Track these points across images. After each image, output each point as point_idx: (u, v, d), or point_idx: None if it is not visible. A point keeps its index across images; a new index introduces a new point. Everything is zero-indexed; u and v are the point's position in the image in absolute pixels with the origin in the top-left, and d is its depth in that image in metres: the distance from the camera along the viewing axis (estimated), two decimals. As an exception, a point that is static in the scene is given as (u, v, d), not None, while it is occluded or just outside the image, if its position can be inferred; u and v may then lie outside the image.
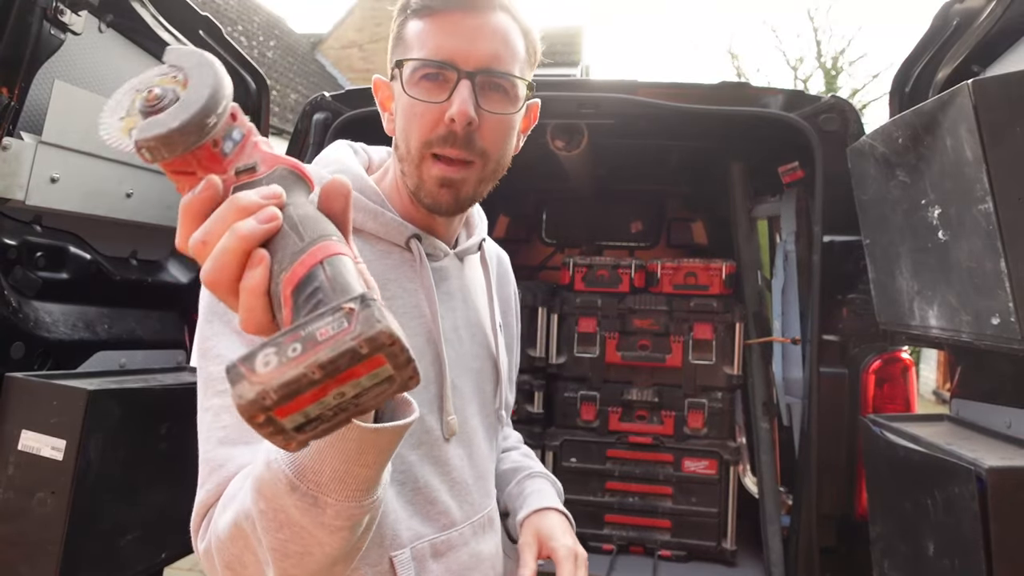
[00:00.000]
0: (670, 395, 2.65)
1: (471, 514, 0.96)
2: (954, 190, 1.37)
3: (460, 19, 0.85)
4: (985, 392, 1.59)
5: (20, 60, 1.54)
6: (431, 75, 0.85)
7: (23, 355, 1.69)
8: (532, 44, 0.92)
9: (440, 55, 0.84)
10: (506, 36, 0.87)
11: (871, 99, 15.64)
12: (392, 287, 0.89)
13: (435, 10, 0.85)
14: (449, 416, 0.92)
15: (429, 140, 0.85)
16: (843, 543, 1.99)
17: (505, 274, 1.21)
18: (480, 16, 0.86)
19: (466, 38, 0.85)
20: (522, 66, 0.90)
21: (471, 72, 0.84)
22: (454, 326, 0.96)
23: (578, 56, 15.08)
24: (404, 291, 0.90)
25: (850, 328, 2.03)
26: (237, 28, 10.48)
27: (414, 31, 0.87)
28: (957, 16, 1.68)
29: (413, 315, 0.90)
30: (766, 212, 2.93)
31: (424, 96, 0.85)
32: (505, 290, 1.20)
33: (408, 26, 0.88)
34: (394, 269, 0.90)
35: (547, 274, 3.74)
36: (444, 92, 0.85)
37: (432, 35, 0.85)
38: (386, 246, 0.91)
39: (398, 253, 0.91)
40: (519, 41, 0.89)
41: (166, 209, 2.10)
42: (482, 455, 1.00)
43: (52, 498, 1.50)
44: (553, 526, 1.06)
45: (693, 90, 2.26)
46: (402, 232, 0.91)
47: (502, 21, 0.87)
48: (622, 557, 2.56)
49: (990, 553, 1.18)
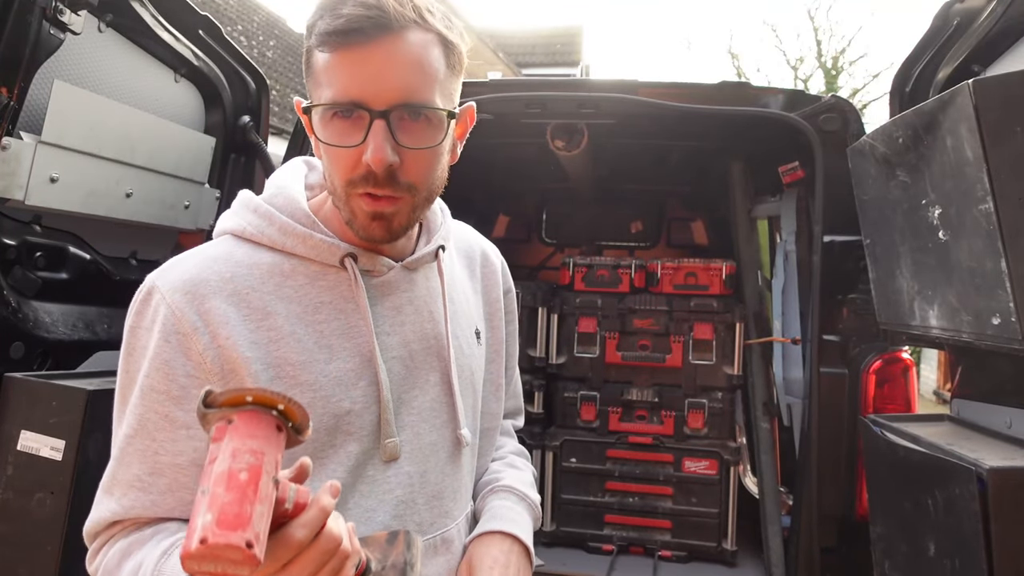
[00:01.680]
0: (670, 395, 2.65)
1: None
2: (954, 190, 1.37)
3: (366, 53, 0.78)
4: (986, 392, 1.59)
5: (19, 60, 1.54)
6: (344, 113, 0.80)
7: (22, 355, 1.69)
8: (455, 50, 0.85)
9: (348, 96, 0.79)
10: (419, 60, 0.80)
11: (871, 99, 15.64)
12: (325, 310, 0.87)
13: (337, 45, 0.78)
14: (387, 440, 0.89)
15: (352, 179, 0.82)
16: (843, 543, 1.99)
17: (492, 274, 1.14)
18: (387, 44, 0.78)
19: (374, 74, 0.78)
20: (444, 83, 0.83)
21: (384, 111, 0.79)
22: (403, 341, 0.93)
23: (578, 56, 15.07)
24: (339, 312, 0.88)
25: (850, 328, 2.03)
26: (237, 28, 10.48)
27: (321, 65, 0.81)
28: (957, 16, 1.68)
29: (350, 335, 0.88)
30: (766, 212, 2.92)
31: (338, 140, 0.81)
32: (492, 292, 1.13)
33: (315, 57, 0.82)
34: (328, 291, 0.88)
35: (547, 274, 3.74)
36: (358, 132, 0.80)
37: (338, 74, 0.79)
38: (320, 268, 0.89)
39: (333, 274, 0.89)
40: (436, 57, 0.82)
41: (166, 209, 2.10)
42: (438, 473, 0.95)
43: (51, 498, 1.50)
44: (483, 557, 0.96)
45: (693, 90, 2.25)
46: (334, 253, 0.88)
47: (413, 42, 0.80)
48: (622, 557, 2.56)
49: (991, 553, 1.18)
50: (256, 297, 0.85)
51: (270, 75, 10.07)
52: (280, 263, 0.88)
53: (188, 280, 0.83)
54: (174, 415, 0.81)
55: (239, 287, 0.84)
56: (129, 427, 0.82)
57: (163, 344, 0.81)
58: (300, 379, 0.84)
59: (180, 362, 0.81)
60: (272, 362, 0.83)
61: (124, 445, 0.83)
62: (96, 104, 1.79)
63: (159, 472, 0.81)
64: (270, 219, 0.90)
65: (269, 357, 0.83)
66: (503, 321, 1.15)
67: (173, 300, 0.82)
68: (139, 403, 0.82)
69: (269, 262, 0.88)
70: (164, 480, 0.81)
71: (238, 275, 0.85)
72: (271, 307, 0.85)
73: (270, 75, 10.07)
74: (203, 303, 0.82)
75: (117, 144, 1.86)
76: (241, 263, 0.86)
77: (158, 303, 0.83)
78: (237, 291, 0.84)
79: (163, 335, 0.81)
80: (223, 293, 0.83)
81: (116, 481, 0.83)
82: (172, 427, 0.81)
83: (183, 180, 2.15)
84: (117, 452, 0.84)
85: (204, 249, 0.90)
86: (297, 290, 0.87)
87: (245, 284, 0.85)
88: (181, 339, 0.81)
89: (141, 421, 0.82)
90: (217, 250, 0.88)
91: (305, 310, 0.86)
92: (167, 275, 0.85)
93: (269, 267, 0.87)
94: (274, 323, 0.84)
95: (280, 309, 0.85)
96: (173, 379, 0.81)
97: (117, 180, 1.90)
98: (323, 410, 0.84)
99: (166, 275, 0.85)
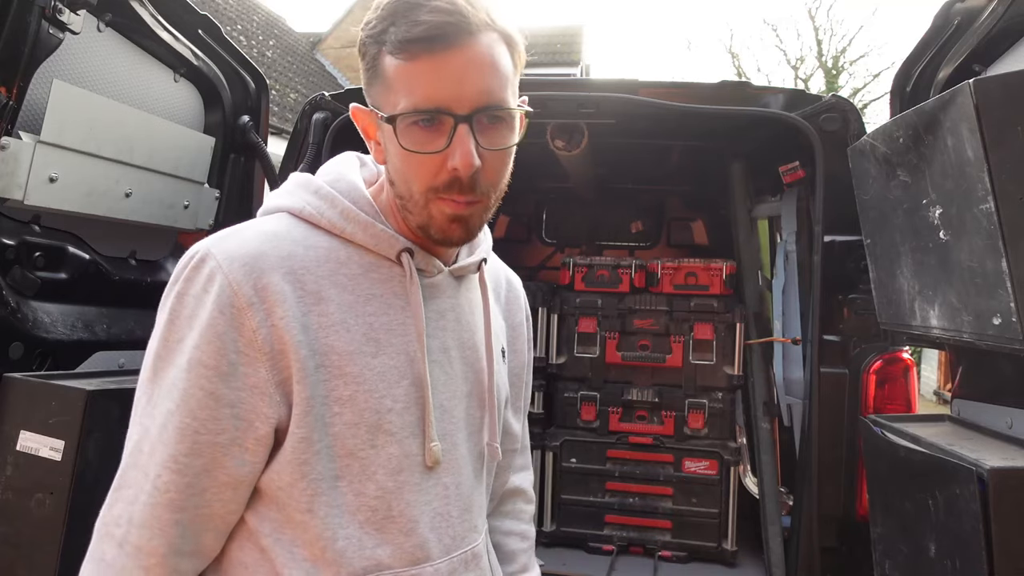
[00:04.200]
0: (670, 395, 2.65)
1: (452, 549, 0.89)
2: (955, 190, 1.37)
3: (446, 60, 0.78)
4: (986, 392, 1.59)
5: (19, 59, 1.53)
6: (424, 121, 0.80)
7: (21, 355, 1.68)
8: (517, 50, 0.86)
9: (432, 103, 0.79)
10: (495, 64, 0.81)
11: (872, 98, 15.65)
12: (376, 303, 0.86)
13: (419, 52, 0.78)
14: (432, 443, 0.86)
15: (434, 187, 0.82)
16: (844, 544, 1.99)
17: (515, 299, 1.14)
18: (466, 50, 0.79)
19: (456, 80, 0.79)
20: (513, 85, 0.85)
21: (467, 115, 0.79)
22: (444, 346, 0.92)
23: (578, 56, 15.08)
24: (388, 307, 0.87)
25: (851, 328, 2.03)
26: (236, 27, 10.49)
27: (398, 73, 0.80)
28: (958, 15, 1.68)
29: (396, 332, 0.86)
30: (767, 212, 2.92)
31: (420, 146, 0.80)
32: (515, 316, 1.13)
33: (387, 63, 0.81)
34: (381, 284, 0.87)
35: (547, 274, 3.74)
36: (440, 138, 0.80)
37: (419, 81, 0.79)
38: (376, 259, 0.88)
39: (387, 267, 0.88)
40: (506, 59, 0.83)
41: (165, 209, 2.10)
42: (469, 486, 0.93)
43: (50, 499, 1.50)
44: None
45: (693, 90, 2.25)
46: (393, 245, 0.87)
47: (487, 45, 0.80)
48: (622, 558, 2.56)
49: (991, 554, 1.17)
50: (311, 280, 0.82)
51: (269, 75, 10.07)
52: (337, 249, 0.86)
53: (248, 253, 0.80)
54: (220, 392, 0.77)
55: (295, 266, 0.82)
56: (171, 401, 0.78)
57: (217, 316, 0.77)
58: (345, 370, 0.82)
59: (232, 337, 0.77)
60: (320, 349, 0.81)
61: (164, 422, 0.78)
62: (95, 104, 1.79)
63: (197, 453, 0.78)
64: (332, 202, 0.88)
65: (318, 343, 0.81)
66: (525, 346, 1.14)
67: (231, 271, 0.78)
68: (184, 377, 0.78)
69: (327, 246, 0.86)
70: (201, 461, 0.78)
71: (295, 254, 0.83)
72: (324, 292, 0.83)
73: (269, 75, 10.07)
74: (261, 278, 0.79)
75: (116, 144, 1.86)
76: (298, 242, 0.84)
77: (213, 271, 0.79)
78: (294, 270, 0.81)
79: (218, 306, 0.77)
80: (281, 270, 0.80)
81: (152, 460, 0.78)
82: (216, 405, 0.78)
83: (182, 180, 2.15)
84: (156, 429, 0.79)
85: (261, 223, 0.87)
86: (351, 279, 0.85)
87: (301, 264, 0.82)
88: (236, 313, 0.77)
89: (184, 397, 0.77)
90: (275, 226, 0.86)
91: (357, 300, 0.85)
92: (224, 244, 0.81)
93: (326, 251, 0.85)
94: (326, 309, 0.82)
95: (333, 295, 0.83)
96: (224, 354, 0.77)
97: (116, 180, 1.90)
98: (366, 404, 0.82)
99: (223, 243, 0.81)
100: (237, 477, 0.80)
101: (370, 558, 0.82)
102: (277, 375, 0.79)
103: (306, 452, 0.80)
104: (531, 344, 1.18)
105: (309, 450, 0.80)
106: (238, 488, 0.81)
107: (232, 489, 0.80)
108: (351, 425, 0.81)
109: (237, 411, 0.78)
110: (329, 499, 0.81)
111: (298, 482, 0.80)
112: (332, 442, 0.81)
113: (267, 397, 0.79)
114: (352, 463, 0.82)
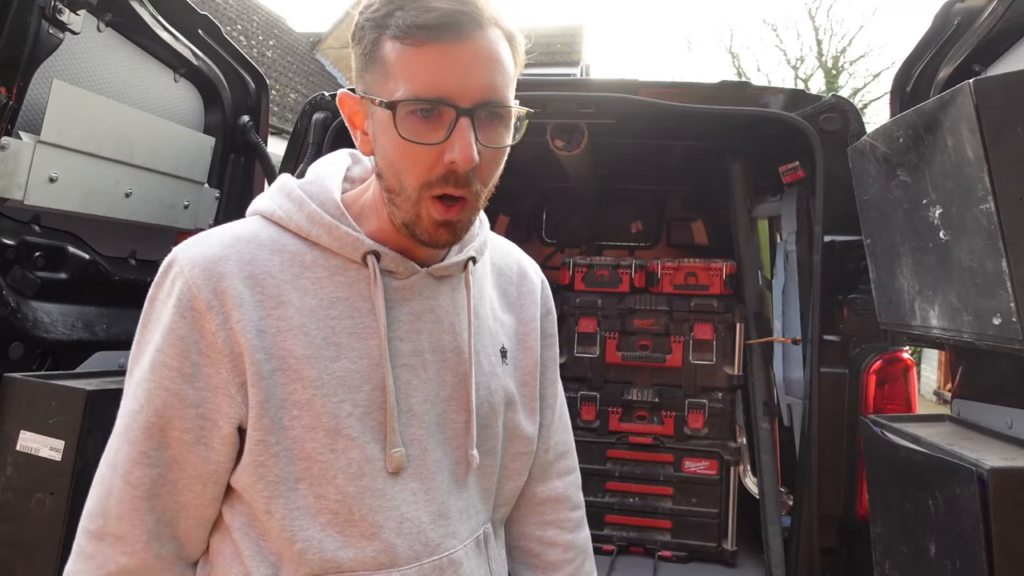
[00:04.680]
0: (670, 395, 2.65)
1: (423, 555, 0.86)
2: (955, 190, 1.37)
3: (452, 50, 0.77)
4: (986, 392, 1.59)
5: (19, 59, 1.54)
6: (424, 112, 0.78)
7: (21, 355, 1.68)
8: (519, 50, 0.85)
9: (434, 93, 0.77)
10: (499, 60, 0.80)
11: (872, 98, 15.65)
12: (340, 306, 0.85)
13: (425, 39, 0.76)
14: (393, 449, 0.84)
15: (428, 181, 0.80)
16: (844, 544, 1.99)
17: (530, 292, 1.08)
18: (474, 42, 0.77)
19: (460, 71, 0.77)
20: (514, 84, 0.84)
21: (469, 108, 0.78)
22: (417, 349, 0.89)
23: (578, 56, 15.07)
24: (354, 310, 0.85)
25: (851, 328, 2.03)
26: (236, 27, 10.49)
27: (400, 59, 0.78)
28: (958, 15, 1.68)
29: (361, 336, 0.85)
30: (767, 212, 2.92)
31: (419, 137, 0.78)
32: (527, 311, 1.07)
33: (388, 48, 0.79)
34: (347, 287, 0.86)
35: (547, 274, 3.71)
36: (440, 130, 0.78)
37: (422, 69, 0.77)
38: (343, 262, 0.86)
39: (355, 270, 0.87)
40: (509, 56, 0.82)
41: (165, 209, 2.10)
42: (444, 491, 0.90)
43: (50, 499, 1.50)
44: None
45: (693, 89, 2.25)
46: (357, 248, 0.86)
47: (494, 40, 0.79)
48: (622, 558, 2.55)
49: (991, 553, 1.17)
50: (272, 284, 0.83)
51: (269, 74, 10.07)
52: (303, 252, 0.86)
53: (208, 256, 0.82)
54: (184, 392, 0.80)
55: (256, 271, 0.83)
56: (136, 401, 0.81)
57: (179, 319, 0.80)
58: (303, 374, 0.82)
59: (194, 339, 0.80)
60: (277, 353, 0.81)
61: (129, 421, 0.81)
62: (95, 104, 1.79)
63: (165, 446, 0.81)
64: (300, 205, 0.88)
65: (275, 347, 0.81)
66: (538, 343, 1.08)
67: (192, 275, 0.80)
68: (149, 378, 0.81)
69: (292, 250, 0.86)
70: (170, 453, 0.81)
71: (258, 258, 0.83)
72: (285, 296, 0.83)
73: (269, 74, 10.07)
74: (220, 282, 0.80)
75: (116, 144, 1.86)
76: (264, 246, 0.85)
77: (176, 276, 0.81)
78: (254, 275, 0.82)
79: (179, 310, 0.80)
80: (241, 275, 0.81)
81: (120, 457, 0.82)
82: (181, 404, 0.80)
83: (182, 180, 2.15)
84: (121, 427, 0.82)
85: (232, 227, 0.88)
86: (315, 283, 0.85)
87: (263, 269, 0.83)
88: (196, 316, 0.80)
89: (149, 396, 0.80)
90: (244, 229, 0.87)
91: (319, 304, 0.84)
92: (189, 249, 0.83)
93: (291, 255, 0.85)
94: (285, 313, 0.82)
95: (294, 299, 0.83)
96: (187, 356, 0.80)
97: (116, 180, 1.90)
98: (323, 408, 0.82)
99: (189, 248, 0.83)
100: (204, 473, 0.82)
101: (331, 560, 0.82)
102: (238, 377, 0.80)
103: (263, 454, 0.81)
104: (555, 339, 1.14)
105: (266, 452, 0.81)
106: (207, 483, 0.83)
107: (201, 483, 0.83)
108: (309, 429, 0.81)
109: (202, 411, 0.81)
110: (288, 501, 0.82)
111: (256, 483, 0.82)
112: (291, 445, 0.81)
113: (229, 398, 0.81)
114: (311, 466, 0.82)
